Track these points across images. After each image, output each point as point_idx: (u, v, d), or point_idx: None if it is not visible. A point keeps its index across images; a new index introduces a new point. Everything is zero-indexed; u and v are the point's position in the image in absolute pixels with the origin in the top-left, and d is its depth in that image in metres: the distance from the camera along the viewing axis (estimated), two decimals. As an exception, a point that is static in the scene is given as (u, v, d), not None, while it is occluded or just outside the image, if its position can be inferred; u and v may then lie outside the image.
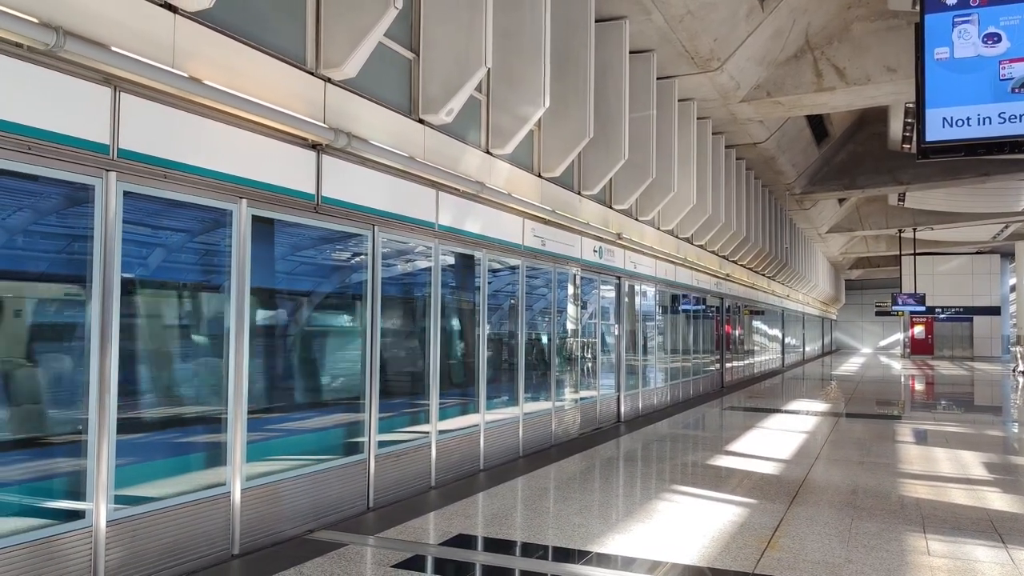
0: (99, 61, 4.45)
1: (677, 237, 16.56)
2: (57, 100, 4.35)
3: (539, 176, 10.35)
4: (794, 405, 17.29)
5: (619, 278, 13.39)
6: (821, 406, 16.99)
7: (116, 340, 4.66)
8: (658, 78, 12.87)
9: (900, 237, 35.27)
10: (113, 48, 4.53)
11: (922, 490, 7.99)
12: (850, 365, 37.35)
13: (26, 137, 4.18)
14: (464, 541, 5.93)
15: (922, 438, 12.41)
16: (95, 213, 4.60)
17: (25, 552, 4.17)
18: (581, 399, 11.74)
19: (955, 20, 7.81)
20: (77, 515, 4.47)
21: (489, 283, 9.04)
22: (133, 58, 4.63)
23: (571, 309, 11.48)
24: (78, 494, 4.50)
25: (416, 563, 5.36)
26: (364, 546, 5.75)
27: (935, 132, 7.88)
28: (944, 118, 7.79)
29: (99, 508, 4.55)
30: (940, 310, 43.92)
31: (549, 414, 10.55)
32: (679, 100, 14.01)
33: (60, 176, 4.41)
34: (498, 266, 9.37)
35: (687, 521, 6.58)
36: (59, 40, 4.17)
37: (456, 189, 8.24)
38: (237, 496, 5.50)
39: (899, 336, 54.95)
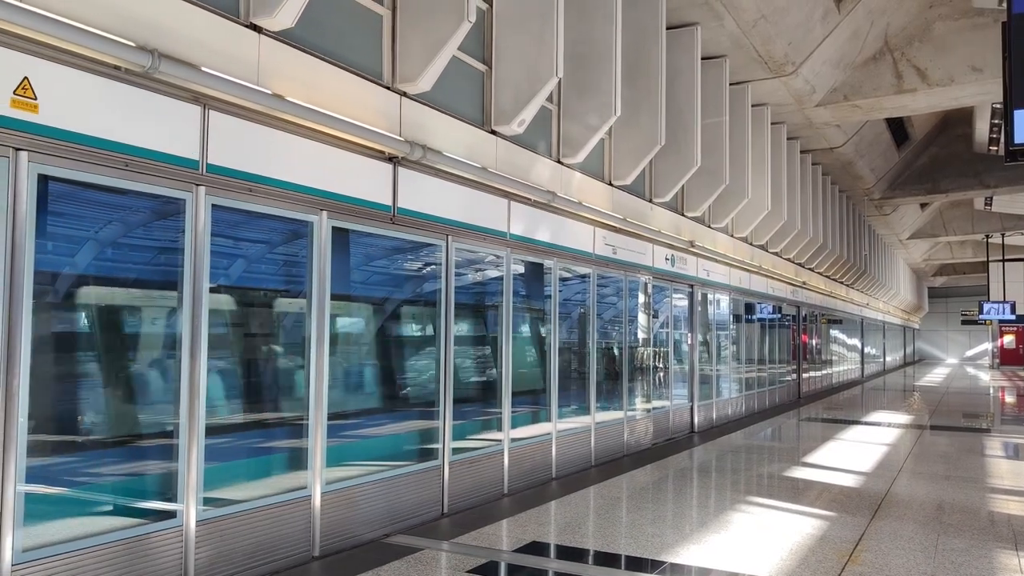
0: (190, 81, 4.68)
1: (751, 244, 16.28)
2: (151, 119, 4.58)
3: (610, 184, 10.34)
4: (875, 417, 16.74)
5: (692, 286, 13.24)
6: (904, 418, 16.41)
7: (205, 348, 4.87)
8: (730, 84, 12.71)
9: (987, 242, 33.85)
10: (203, 68, 4.75)
11: (1014, 506, 7.65)
12: (934, 376, 35.95)
13: (123, 154, 4.42)
14: (537, 548, 5.96)
15: (1014, 452, 11.87)
16: (185, 226, 4.82)
17: (122, 548, 4.39)
18: (653, 409, 11.64)
19: (1046, 17, 7.48)
20: (168, 515, 4.68)
21: (560, 292, 9.07)
22: (221, 77, 4.84)
23: (642, 318, 11.40)
24: (169, 495, 4.71)
25: (490, 569, 5.42)
26: (439, 551, 5.84)
27: (1025, 133, 7.56)
28: (1034, 119, 7.47)
29: (189, 509, 4.75)
30: (1032, 319, 41.80)
31: (621, 423, 10.50)
32: (752, 106, 13.79)
33: (153, 191, 4.64)
34: (568, 275, 9.39)
35: (763, 533, 6.46)
36: (154, 62, 4.40)
37: (527, 199, 8.31)
38: (317, 500, 5.66)
39: (987, 346, 52.64)
